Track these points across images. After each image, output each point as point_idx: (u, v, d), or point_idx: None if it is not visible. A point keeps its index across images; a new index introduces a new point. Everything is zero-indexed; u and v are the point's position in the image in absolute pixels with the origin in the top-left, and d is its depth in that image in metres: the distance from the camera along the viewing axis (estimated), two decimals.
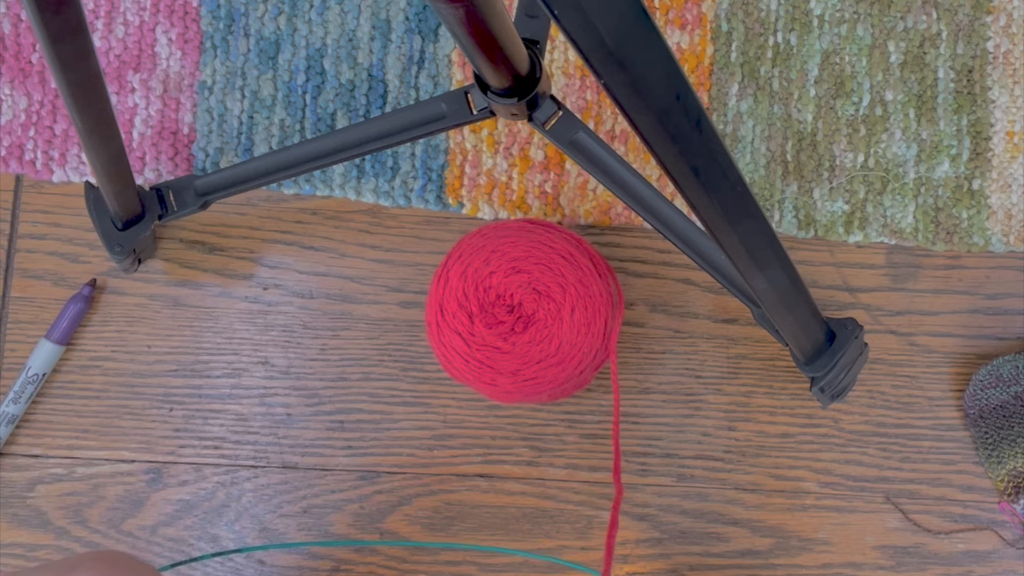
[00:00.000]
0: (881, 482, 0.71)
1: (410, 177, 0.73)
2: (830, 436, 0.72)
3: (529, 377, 0.63)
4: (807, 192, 0.72)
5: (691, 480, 0.71)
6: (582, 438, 0.72)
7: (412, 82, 0.74)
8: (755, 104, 0.73)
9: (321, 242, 0.73)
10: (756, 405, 0.72)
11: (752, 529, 0.71)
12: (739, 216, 0.43)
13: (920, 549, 0.70)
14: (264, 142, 0.74)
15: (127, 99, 0.74)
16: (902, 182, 0.72)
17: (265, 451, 0.72)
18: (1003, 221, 0.72)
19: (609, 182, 0.62)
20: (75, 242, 0.74)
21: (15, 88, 0.74)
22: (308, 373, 0.73)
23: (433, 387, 0.72)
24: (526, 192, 0.73)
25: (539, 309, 0.63)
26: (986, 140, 0.72)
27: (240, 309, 0.73)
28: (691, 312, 0.72)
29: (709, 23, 0.73)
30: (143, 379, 0.73)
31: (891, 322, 0.72)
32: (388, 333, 0.73)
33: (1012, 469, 0.69)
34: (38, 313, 0.73)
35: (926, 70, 0.73)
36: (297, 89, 0.74)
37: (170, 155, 0.74)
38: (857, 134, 0.72)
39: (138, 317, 0.73)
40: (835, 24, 0.73)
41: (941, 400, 0.72)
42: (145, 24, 0.74)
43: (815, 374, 0.61)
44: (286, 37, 0.74)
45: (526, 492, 0.71)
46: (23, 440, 0.72)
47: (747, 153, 0.72)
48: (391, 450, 0.72)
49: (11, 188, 0.74)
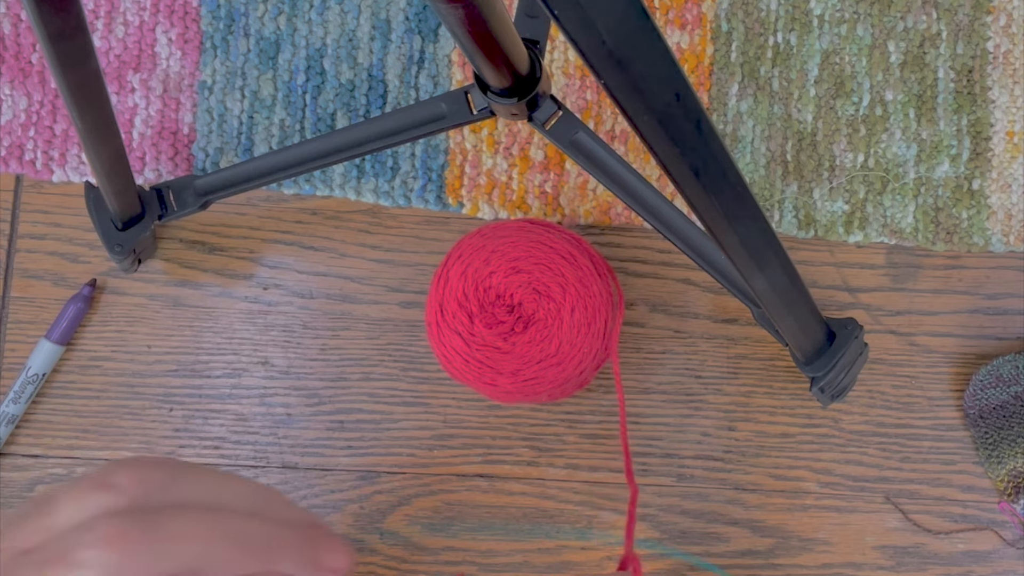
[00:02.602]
0: (881, 482, 0.71)
1: (410, 177, 0.73)
2: (830, 436, 0.71)
3: (529, 377, 0.63)
4: (807, 192, 0.72)
5: (691, 480, 0.71)
6: (582, 438, 0.72)
7: (412, 82, 0.74)
8: (755, 104, 0.73)
9: (321, 242, 0.73)
10: (756, 405, 0.72)
11: (752, 529, 0.71)
12: (739, 216, 0.43)
13: (920, 549, 0.70)
14: (264, 142, 0.74)
15: (127, 99, 0.74)
16: (902, 182, 0.72)
17: (265, 451, 0.72)
18: (1003, 221, 0.72)
19: (609, 182, 0.62)
20: (75, 242, 0.74)
21: (15, 88, 0.74)
22: (308, 373, 0.73)
23: (433, 387, 0.72)
24: (526, 192, 0.73)
25: (539, 309, 0.63)
26: (986, 140, 0.72)
27: (240, 309, 0.73)
28: (691, 312, 0.72)
29: (709, 23, 0.73)
30: (143, 379, 0.73)
31: (891, 322, 0.72)
32: (388, 333, 0.73)
33: (1012, 469, 0.69)
34: (38, 313, 0.73)
35: (926, 70, 0.73)
36: (297, 89, 0.74)
37: (170, 155, 0.74)
38: (857, 134, 0.72)
39: (138, 317, 0.73)
40: (835, 24, 0.73)
41: (941, 400, 0.72)
42: (145, 24, 0.74)
43: (815, 374, 0.61)
44: (286, 37, 0.74)
45: (526, 492, 0.71)
46: (23, 440, 0.72)
47: (747, 153, 0.72)
48: (391, 450, 0.72)
49: (11, 188, 0.74)
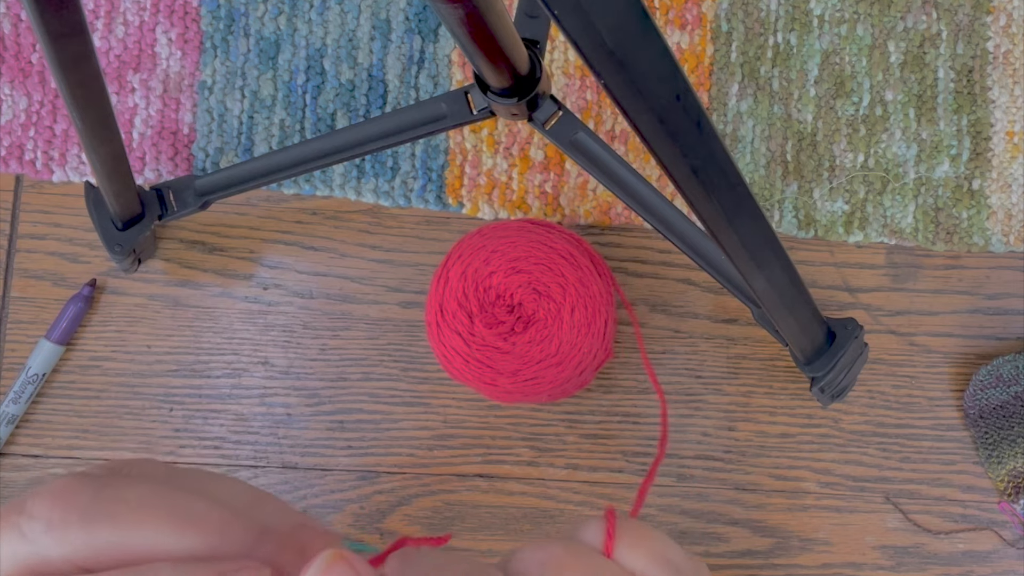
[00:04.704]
0: (881, 482, 0.71)
1: (410, 177, 0.73)
2: (830, 436, 0.71)
3: (529, 377, 0.63)
4: (807, 192, 0.72)
5: (691, 480, 0.71)
6: (582, 438, 0.72)
7: (412, 82, 0.74)
8: (755, 104, 0.72)
9: (321, 242, 0.73)
10: (756, 405, 0.72)
11: (752, 529, 0.71)
12: (739, 216, 0.43)
13: (920, 549, 0.70)
14: (264, 142, 0.74)
15: (127, 99, 0.74)
16: (902, 182, 0.72)
17: (265, 451, 0.72)
18: (1003, 221, 0.72)
19: (609, 182, 0.62)
20: (75, 242, 0.74)
21: (15, 88, 0.74)
22: (308, 373, 0.73)
23: (433, 387, 0.72)
24: (526, 192, 0.72)
25: (539, 309, 0.63)
26: (986, 140, 0.72)
27: (240, 309, 0.73)
28: (691, 312, 0.72)
29: (709, 23, 0.73)
30: (143, 379, 0.73)
31: (891, 322, 0.72)
32: (388, 333, 0.73)
33: (1012, 469, 0.69)
34: (38, 313, 0.73)
35: (926, 70, 0.73)
36: (297, 89, 0.74)
37: (170, 155, 0.74)
38: (857, 134, 0.72)
39: (138, 317, 0.73)
40: (835, 24, 0.73)
41: (941, 400, 0.72)
42: (145, 24, 0.74)
43: (815, 374, 0.61)
44: (286, 37, 0.74)
45: (526, 492, 0.71)
46: (23, 440, 0.72)
47: (747, 153, 0.72)
48: (391, 450, 0.72)
49: (11, 188, 0.74)
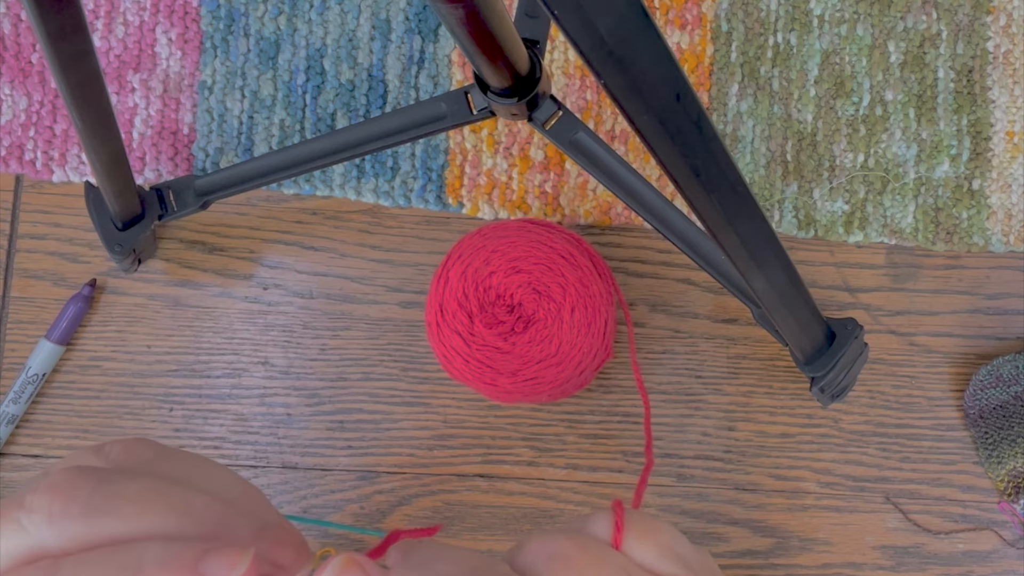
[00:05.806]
0: (881, 482, 0.71)
1: (410, 177, 0.73)
2: (830, 436, 0.71)
3: (529, 377, 0.63)
4: (807, 192, 0.72)
5: (691, 480, 0.71)
6: (582, 438, 0.72)
7: (412, 82, 0.74)
8: (755, 104, 0.72)
9: (321, 242, 0.73)
10: (756, 405, 0.72)
11: (752, 529, 0.71)
12: (739, 216, 0.43)
13: (920, 549, 0.70)
14: (264, 142, 0.74)
15: (127, 99, 0.74)
16: (902, 182, 0.72)
17: (265, 451, 0.72)
18: (1003, 221, 0.72)
19: (609, 182, 0.62)
20: (75, 242, 0.74)
21: (15, 88, 0.74)
22: (308, 373, 0.73)
23: (433, 387, 0.72)
24: (526, 192, 0.72)
25: (539, 309, 0.63)
26: (986, 140, 0.72)
27: (240, 309, 0.73)
28: (691, 312, 0.72)
29: (709, 23, 0.73)
30: (143, 379, 0.73)
31: (891, 322, 0.72)
32: (388, 333, 0.73)
33: (1012, 469, 0.69)
34: (38, 313, 0.73)
35: (926, 70, 0.73)
36: (297, 89, 0.74)
37: (170, 155, 0.74)
38: (857, 134, 0.72)
39: (138, 317, 0.73)
40: (835, 24, 0.73)
41: (941, 400, 0.72)
42: (145, 24, 0.74)
43: (815, 374, 0.61)
44: (286, 37, 0.74)
45: (526, 492, 0.71)
46: (23, 440, 0.72)
47: (747, 153, 0.72)
48: (391, 450, 0.72)
49: (11, 188, 0.74)
